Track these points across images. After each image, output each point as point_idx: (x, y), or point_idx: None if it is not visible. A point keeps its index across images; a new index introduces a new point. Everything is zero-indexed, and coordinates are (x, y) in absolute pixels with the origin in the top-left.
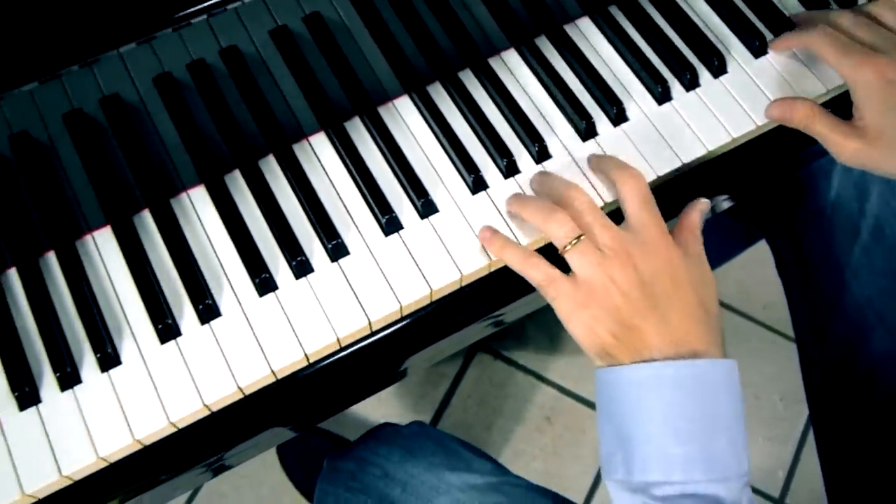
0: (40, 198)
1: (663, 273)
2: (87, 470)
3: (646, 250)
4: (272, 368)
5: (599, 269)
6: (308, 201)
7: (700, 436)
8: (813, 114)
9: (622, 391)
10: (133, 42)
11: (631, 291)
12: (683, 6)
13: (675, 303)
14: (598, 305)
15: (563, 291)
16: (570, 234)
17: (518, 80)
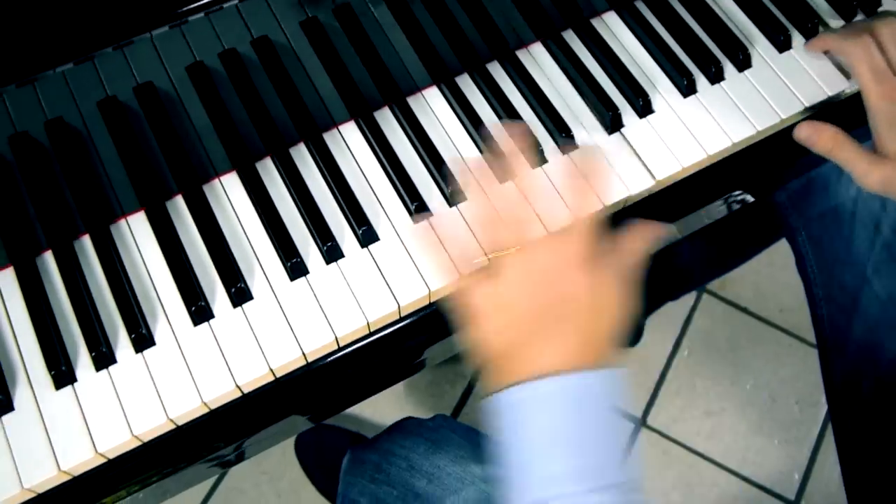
0: (75, 183)
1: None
2: (122, 448)
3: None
4: (303, 351)
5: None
6: (339, 188)
7: (573, 449)
8: (837, 142)
9: (504, 416)
10: (165, 26)
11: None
12: (709, 1)
13: (583, 321)
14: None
15: (485, 290)
16: (514, 243)
17: (545, 72)
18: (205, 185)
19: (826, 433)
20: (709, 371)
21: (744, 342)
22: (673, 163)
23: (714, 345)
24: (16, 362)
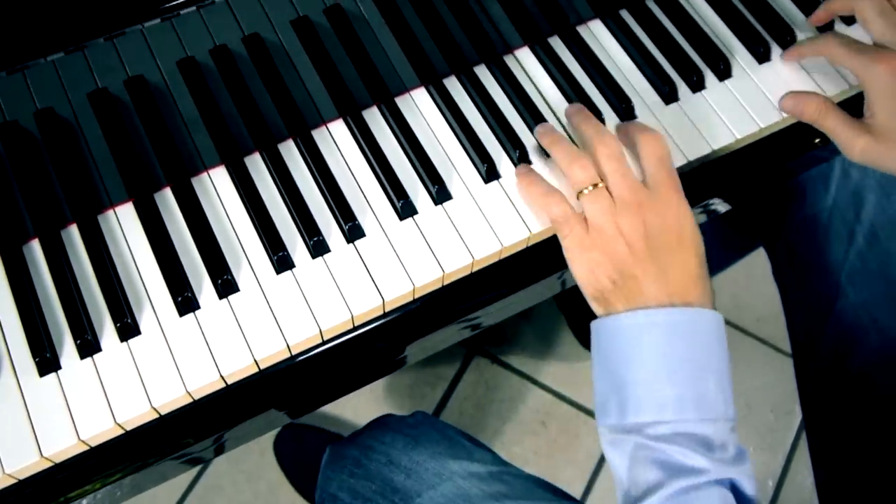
0: (64, 173)
1: (670, 230)
2: (105, 436)
3: (657, 206)
4: (287, 343)
5: (609, 217)
6: (326, 184)
7: (690, 378)
8: (824, 108)
9: (617, 337)
10: (157, 19)
11: (635, 242)
12: (692, 12)
13: (677, 259)
14: (602, 251)
15: (574, 232)
16: (588, 180)
17: (530, 76)
18: (193, 178)
19: (800, 441)
20: None
21: None
22: None
23: None
24: (0, 349)
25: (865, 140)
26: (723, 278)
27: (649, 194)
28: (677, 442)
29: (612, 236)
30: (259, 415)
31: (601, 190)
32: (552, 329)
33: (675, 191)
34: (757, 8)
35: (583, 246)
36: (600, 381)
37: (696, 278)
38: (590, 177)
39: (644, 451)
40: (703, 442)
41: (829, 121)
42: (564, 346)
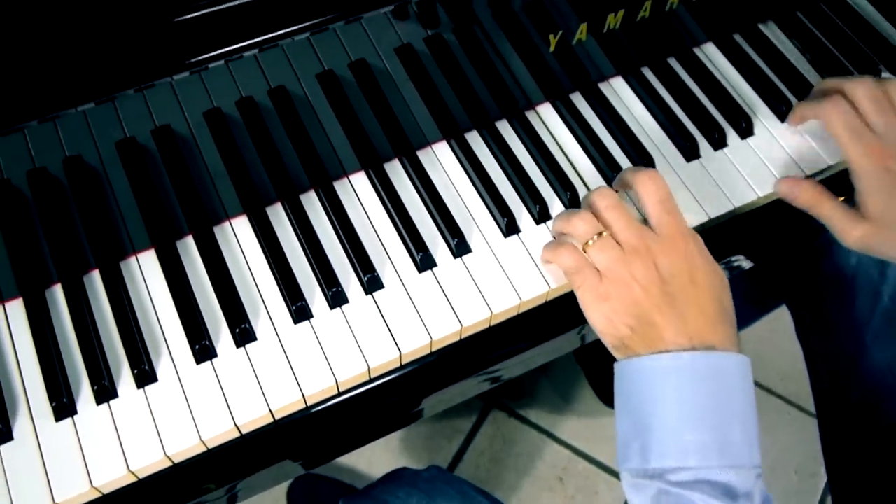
0: (89, 220)
1: (682, 271)
2: (117, 483)
3: (666, 248)
4: (303, 394)
5: (620, 264)
6: (346, 235)
7: (715, 424)
8: (818, 197)
9: (640, 381)
10: (185, 72)
11: (650, 287)
12: (713, 69)
13: (693, 300)
14: (618, 299)
15: (588, 282)
16: (592, 230)
17: (552, 131)
18: (216, 227)
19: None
20: None
21: None
22: None
23: None
24: (18, 393)
25: (860, 229)
26: (745, 335)
27: (656, 237)
28: (700, 489)
29: (626, 283)
30: (273, 465)
31: (607, 238)
32: (571, 383)
33: (680, 230)
34: (778, 66)
35: (598, 295)
36: (623, 423)
37: (716, 320)
38: (592, 227)
39: (666, 497)
40: (727, 490)
41: (823, 209)
42: (583, 401)
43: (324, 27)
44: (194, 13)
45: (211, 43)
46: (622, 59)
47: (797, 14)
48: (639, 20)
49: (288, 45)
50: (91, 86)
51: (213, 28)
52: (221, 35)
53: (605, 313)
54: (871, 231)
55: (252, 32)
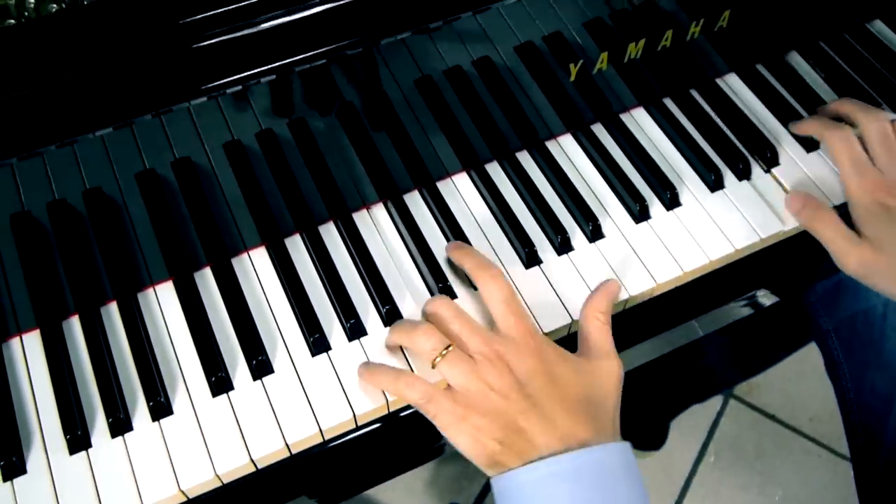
0: (108, 252)
1: (539, 371)
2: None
3: (517, 350)
4: (321, 428)
5: (473, 376)
6: (365, 267)
7: None
8: (820, 219)
9: (518, 495)
10: (203, 97)
11: (509, 393)
12: (736, 100)
13: (556, 398)
14: (479, 413)
15: (443, 407)
16: (438, 344)
17: (573, 162)
18: (234, 259)
19: None
20: (736, 479)
21: (772, 450)
22: (700, 255)
23: (741, 452)
24: (33, 425)
25: (858, 253)
26: (773, 375)
27: (505, 341)
28: None
29: (484, 394)
30: (289, 501)
31: (455, 351)
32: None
33: (528, 331)
34: (803, 96)
35: (457, 416)
36: None
37: (584, 413)
38: (436, 341)
39: None
40: None
41: (826, 231)
42: None
43: (333, 56)
44: (209, 41)
45: (225, 70)
46: (643, 89)
47: (820, 44)
48: (660, 50)
49: (306, 76)
50: (106, 110)
51: (227, 55)
52: (236, 62)
53: (468, 433)
54: (869, 257)
55: (265, 60)
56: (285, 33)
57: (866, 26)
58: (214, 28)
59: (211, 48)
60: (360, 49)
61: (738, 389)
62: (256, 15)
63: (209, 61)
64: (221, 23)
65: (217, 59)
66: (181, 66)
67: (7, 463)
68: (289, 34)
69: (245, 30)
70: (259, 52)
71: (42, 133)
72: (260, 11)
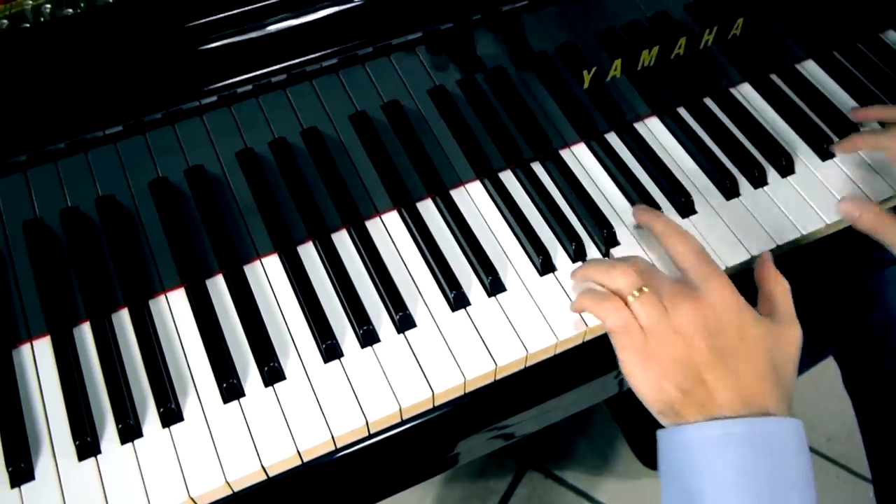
0: (120, 259)
1: (731, 325)
2: None
3: (710, 301)
4: (333, 435)
5: (665, 320)
6: (378, 273)
7: (772, 497)
8: (880, 220)
9: (689, 451)
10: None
11: (698, 342)
12: (750, 109)
13: (743, 357)
14: (666, 357)
15: (636, 341)
16: (634, 284)
17: (587, 170)
18: (246, 266)
19: None
20: None
21: None
22: (716, 262)
23: None
24: (42, 431)
25: None
26: None
27: (698, 291)
28: None
29: (673, 339)
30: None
31: (650, 294)
32: (608, 442)
33: (723, 282)
34: (817, 104)
35: (645, 355)
36: (671, 495)
37: (769, 379)
38: (633, 282)
39: None
40: None
41: (888, 234)
42: (622, 461)
43: (353, 60)
44: (215, 43)
45: (232, 70)
46: (657, 97)
47: (833, 53)
48: (673, 58)
49: (320, 85)
50: (114, 110)
51: (233, 56)
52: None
53: (652, 375)
54: None
55: (273, 60)
56: (291, 36)
57: (880, 36)
58: (220, 31)
59: (215, 50)
60: (370, 49)
61: None
62: (262, 18)
63: (213, 62)
64: (226, 26)
65: (221, 60)
66: (187, 67)
67: (15, 469)
68: (295, 37)
69: (250, 33)
70: (264, 54)
71: (58, 130)
72: (266, 15)
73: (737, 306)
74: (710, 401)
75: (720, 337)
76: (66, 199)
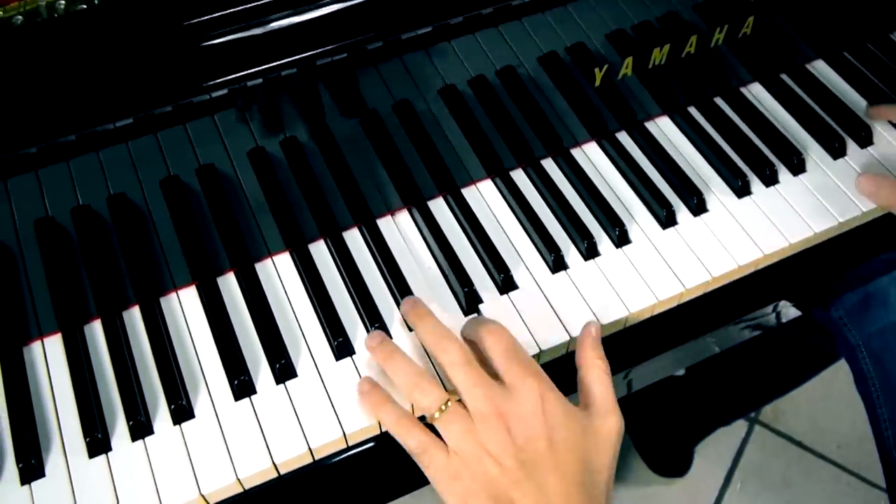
0: (131, 257)
1: (539, 434)
2: None
3: (519, 409)
4: (344, 432)
5: (470, 437)
6: (389, 271)
7: None
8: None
9: None
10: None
11: (504, 459)
12: (761, 109)
13: (552, 466)
14: (471, 477)
15: (436, 462)
16: (436, 402)
17: (598, 169)
18: (257, 264)
19: None
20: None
21: (800, 478)
22: (728, 261)
23: (768, 480)
24: (52, 428)
25: None
26: (798, 400)
27: (507, 395)
28: None
29: (478, 458)
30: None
31: (454, 408)
32: (620, 451)
33: (532, 380)
34: (829, 104)
35: (449, 475)
36: None
37: (579, 485)
38: (435, 399)
39: None
40: None
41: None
42: (633, 470)
43: (364, 60)
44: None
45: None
46: (668, 96)
47: (844, 54)
48: (684, 56)
49: (329, 85)
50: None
51: (237, 52)
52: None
53: (458, 495)
54: None
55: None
56: (293, 32)
57: (890, 36)
58: (227, 26)
59: (223, 45)
60: (380, 43)
61: (763, 415)
62: (264, 15)
63: (221, 55)
64: (228, 23)
65: (231, 53)
66: (197, 60)
67: (26, 465)
68: (295, 33)
69: (252, 29)
70: (267, 49)
71: (71, 121)
72: (268, 11)
73: (544, 413)
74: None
75: (527, 449)
76: (78, 197)
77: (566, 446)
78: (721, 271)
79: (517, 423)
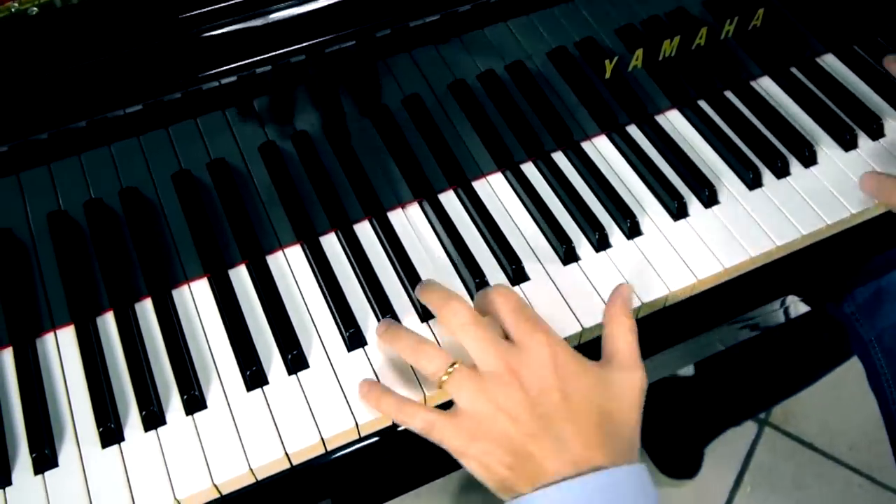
0: (143, 250)
1: (552, 387)
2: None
3: (529, 362)
4: (357, 423)
5: (481, 396)
6: (401, 263)
7: None
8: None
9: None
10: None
11: (519, 414)
12: (771, 102)
13: (568, 418)
14: (487, 437)
15: (448, 432)
16: (442, 366)
17: (608, 162)
18: (269, 256)
19: None
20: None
21: (810, 481)
22: (741, 252)
23: (778, 482)
24: (65, 419)
25: None
26: (809, 400)
27: (516, 351)
28: None
29: (492, 416)
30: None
31: (460, 369)
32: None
33: (541, 335)
34: (839, 97)
35: (463, 441)
36: None
37: (597, 434)
38: (440, 362)
39: None
40: None
41: None
42: None
43: (373, 53)
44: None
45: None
46: (678, 90)
47: (854, 48)
48: (694, 48)
49: (341, 80)
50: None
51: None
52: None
53: (477, 458)
54: None
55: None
56: (291, 23)
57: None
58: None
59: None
60: (388, 31)
61: (774, 417)
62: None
63: (220, 46)
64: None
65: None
66: (206, 48)
67: (39, 455)
68: (307, 23)
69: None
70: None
71: (85, 106)
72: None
73: (555, 365)
74: (540, 472)
75: (541, 402)
76: (90, 191)
77: (580, 396)
78: (733, 262)
79: (529, 376)
